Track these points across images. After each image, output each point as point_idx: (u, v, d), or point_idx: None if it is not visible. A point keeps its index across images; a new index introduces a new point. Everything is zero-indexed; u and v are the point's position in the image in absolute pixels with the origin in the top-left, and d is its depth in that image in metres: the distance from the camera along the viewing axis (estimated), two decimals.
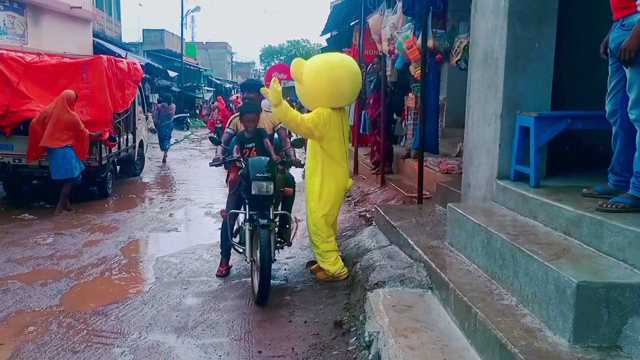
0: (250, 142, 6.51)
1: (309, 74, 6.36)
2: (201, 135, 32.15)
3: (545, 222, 4.27)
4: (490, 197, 5.26)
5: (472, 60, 5.89)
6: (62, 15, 21.71)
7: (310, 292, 5.96)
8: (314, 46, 66.85)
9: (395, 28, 8.70)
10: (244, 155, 6.43)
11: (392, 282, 4.89)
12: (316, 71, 6.40)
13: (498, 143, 5.15)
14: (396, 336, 3.90)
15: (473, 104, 5.78)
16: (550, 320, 3.29)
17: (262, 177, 5.81)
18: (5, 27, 18.29)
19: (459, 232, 4.98)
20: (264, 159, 6.03)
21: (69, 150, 10.13)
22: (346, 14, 14.58)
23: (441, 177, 8.07)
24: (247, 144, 6.52)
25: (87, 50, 21.83)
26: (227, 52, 77.09)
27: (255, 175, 5.81)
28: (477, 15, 5.73)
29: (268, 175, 5.82)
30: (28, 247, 7.87)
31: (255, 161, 5.97)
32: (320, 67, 6.47)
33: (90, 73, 11.30)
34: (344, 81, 6.38)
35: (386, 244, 6.32)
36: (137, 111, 14.67)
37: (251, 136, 6.51)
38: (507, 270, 3.92)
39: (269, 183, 5.81)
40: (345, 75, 6.40)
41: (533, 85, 5.05)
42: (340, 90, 6.39)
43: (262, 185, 5.79)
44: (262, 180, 5.80)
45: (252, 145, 6.51)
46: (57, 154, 10.03)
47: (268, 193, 5.82)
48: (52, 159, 10.12)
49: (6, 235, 8.49)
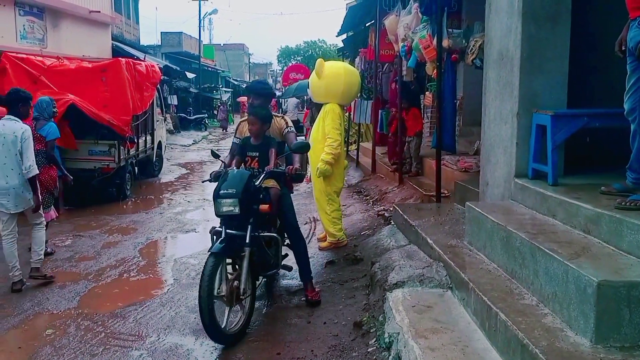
0: (255, 151, 5.83)
1: (329, 73, 7.73)
2: (219, 136, 32.38)
3: (564, 220, 4.25)
4: (509, 195, 5.25)
5: (487, 59, 5.88)
6: (81, 20, 21.93)
7: (329, 292, 5.96)
8: (330, 47, 66.79)
9: (409, 28, 8.70)
10: (245, 164, 5.86)
11: (411, 282, 4.89)
12: (336, 73, 7.81)
13: (515, 141, 5.14)
14: (416, 337, 3.90)
15: (489, 103, 5.77)
16: (571, 320, 3.28)
17: (227, 194, 5.10)
18: (25, 32, 18.52)
19: (477, 231, 4.97)
20: (241, 172, 5.43)
21: None
22: (362, 15, 14.55)
23: (459, 175, 8.05)
24: (251, 152, 5.85)
25: (106, 54, 22.08)
26: (245, 53, 77.39)
27: (219, 192, 5.16)
28: (491, 15, 5.72)
29: (233, 192, 5.08)
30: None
31: (230, 175, 5.32)
32: (339, 69, 7.99)
33: (109, 76, 11.43)
34: (354, 85, 8.02)
35: (405, 243, 6.32)
36: (156, 113, 14.82)
37: (258, 143, 5.82)
38: (527, 270, 3.91)
39: (234, 201, 5.05)
40: (355, 81, 8.03)
41: (549, 83, 5.03)
42: (349, 92, 7.99)
43: (224, 204, 5.08)
44: (226, 198, 5.09)
45: (256, 155, 5.81)
46: None
47: (232, 213, 5.08)
48: None
49: (26, 238, 8.56)
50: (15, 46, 16.47)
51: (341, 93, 7.74)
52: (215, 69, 53.45)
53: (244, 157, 5.87)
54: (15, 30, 17.99)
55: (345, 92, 7.79)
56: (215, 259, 4.82)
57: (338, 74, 7.79)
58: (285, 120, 6.16)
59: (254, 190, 5.31)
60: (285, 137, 6.07)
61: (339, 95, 7.75)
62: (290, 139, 6.01)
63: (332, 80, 7.70)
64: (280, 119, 6.13)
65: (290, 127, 6.09)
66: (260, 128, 5.76)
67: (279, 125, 6.08)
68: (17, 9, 18.10)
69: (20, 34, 18.18)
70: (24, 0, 18.23)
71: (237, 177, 5.25)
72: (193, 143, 25.94)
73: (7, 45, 15.19)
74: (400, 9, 9.55)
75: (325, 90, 7.75)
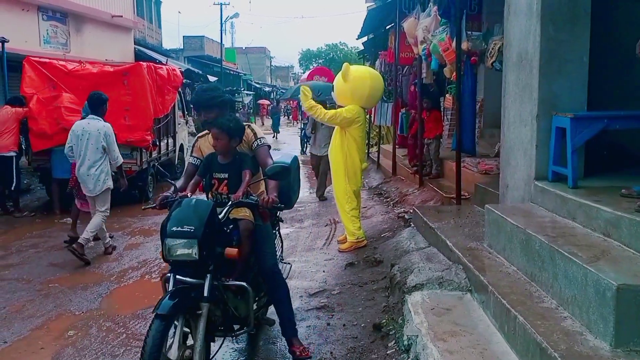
0: (224, 171, 4.44)
1: (355, 76, 7.88)
2: None
3: (584, 223, 4.24)
4: (529, 198, 5.23)
5: (506, 62, 5.87)
6: (104, 24, 22.16)
7: (349, 294, 5.98)
8: (352, 49, 66.81)
9: (428, 31, 8.70)
10: (212, 188, 4.54)
11: (430, 284, 4.89)
12: (361, 76, 7.99)
13: (535, 144, 5.12)
14: (435, 340, 3.91)
15: (509, 105, 5.76)
16: (590, 324, 3.27)
17: (181, 233, 3.72)
18: (48, 37, 18.74)
19: (497, 233, 4.96)
20: (201, 201, 4.05)
21: None
22: (381, 17, 14.58)
23: (479, 177, 8.04)
24: (219, 172, 4.46)
25: (128, 58, 22.25)
26: (266, 56, 77.67)
27: (170, 229, 3.76)
28: (510, 17, 5.71)
29: (190, 229, 3.72)
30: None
31: (185, 204, 3.92)
32: (365, 73, 8.19)
33: (131, 80, 11.52)
34: (379, 90, 8.27)
35: (425, 245, 6.32)
36: (177, 116, 14.91)
37: (227, 162, 4.45)
38: (547, 273, 3.90)
39: (191, 242, 3.69)
40: (379, 86, 8.26)
41: (568, 86, 5.02)
42: (374, 96, 8.22)
43: (177, 246, 3.71)
44: (180, 238, 3.71)
45: (225, 177, 4.44)
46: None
47: (188, 258, 3.73)
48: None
49: (49, 240, 8.73)
50: (39, 51, 16.66)
51: (366, 97, 7.94)
52: (237, 72, 53.71)
53: (210, 179, 4.54)
54: (39, 35, 18.20)
55: (370, 95, 8.01)
56: (162, 322, 3.51)
57: (364, 77, 7.99)
58: (253, 131, 4.62)
59: (219, 226, 3.99)
60: (256, 154, 4.56)
61: (364, 99, 7.95)
62: (263, 158, 4.52)
63: (358, 84, 7.87)
64: (247, 129, 4.59)
65: (261, 140, 4.59)
66: (228, 144, 4.39)
67: (246, 138, 4.57)
68: (41, 14, 18.32)
69: (43, 39, 18.40)
70: (47, 6, 18.45)
71: (196, 209, 3.87)
72: None
73: (31, 50, 15.34)
74: (420, 11, 9.56)
75: (351, 93, 7.87)
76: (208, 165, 4.54)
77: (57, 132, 10.45)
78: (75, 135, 7.86)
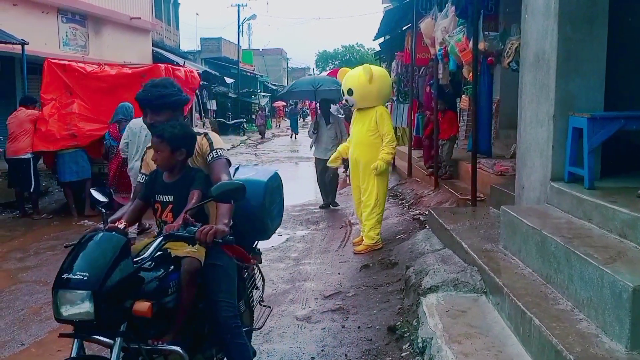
0: (168, 193, 3.47)
1: (378, 76, 7.89)
2: (257, 140, 32.61)
3: (600, 224, 4.19)
4: (545, 199, 5.19)
5: (523, 62, 5.83)
6: (123, 26, 22.30)
7: (364, 296, 5.96)
8: (368, 50, 66.75)
9: (446, 32, 8.67)
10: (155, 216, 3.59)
11: (445, 286, 4.87)
12: (383, 75, 8.17)
13: (551, 144, 5.08)
14: (450, 342, 3.89)
15: (525, 106, 5.72)
16: (606, 326, 3.24)
17: (74, 282, 2.74)
18: (67, 39, 18.88)
19: (512, 235, 4.92)
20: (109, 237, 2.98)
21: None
22: (398, 18, 14.56)
23: (495, 179, 7.99)
24: (162, 194, 3.49)
25: (146, 59, 22.38)
26: (283, 57, 77.79)
27: (60, 276, 2.80)
28: (527, 17, 5.67)
29: (83, 276, 2.74)
30: None
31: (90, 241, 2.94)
32: (384, 72, 8.43)
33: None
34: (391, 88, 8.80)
35: (440, 247, 6.29)
36: (194, 118, 14.95)
37: (173, 181, 3.49)
38: (562, 274, 3.87)
39: (82, 296, 2.70)
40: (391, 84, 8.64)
41: (585, 86, 4.97)
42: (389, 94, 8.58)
43: (67, 301, 2.73)
44: (71, 289, 2.73)
45: (169, 200, 3.46)
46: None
47: (80, 318, 2.75)
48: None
49: (66, 242, 8.75)
50: (58, 53, 16.80)
51: (387, 95, 8.39)
52: (254, 74, 53.85)
53: (151, 202, 3.60)
54: (58, 37, 18.35)
55: (389, 94, 8.58)
56: None
57: (385, 75, 8.26)
58: (209, 141, 3.60)
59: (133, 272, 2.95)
60: (209, 169, 3.55)
61: (386, 97, 8.39)
62: (216, 173, 3.48)
63: (383, 84, 7.98)
64: (202, 139, 3.60)
65: (218, 151, 3.56)
66: (170, 157, 3.42)
67: (199, 150, 3.60)
68: (60, 16, 18.47)
69: (62, 41, 18.55)
70: (66, 8, 18.60)
71: (99, 248, 2.92)
72: (231, 148, 26.12)
73: (50, 52, 15.47)
74: (437, 12, 9.52)
75: (377, 93, 7.88)
76: (151, 184, 3.58)
77: (64, 137, 10.58)
78: (132, 132, 8.34)
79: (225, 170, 3.52)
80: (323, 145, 11.18)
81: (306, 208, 10.72)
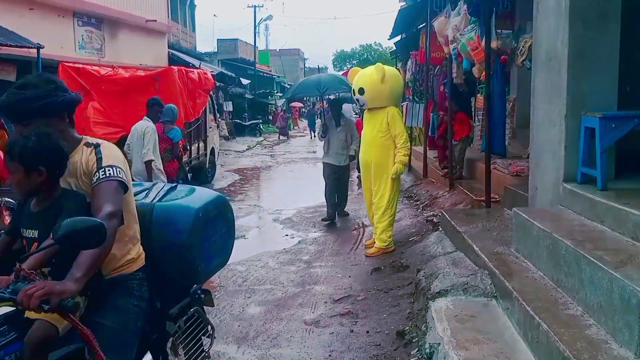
0: (33, 226, 2.69)
1: (391, 75, 7.86)
2: (273, 141, 32.63)
3: (613, 227, 4.09)
4: (558, 200, 5.08)
5: (535, 61, 5.73)
6: (138, 29, 22.42)
7: (374, 300, 5.89)
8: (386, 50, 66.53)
9: (457, 30, 8.56)
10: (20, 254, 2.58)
11: (455, 290, 4.77)
12: (395, 74, 8.16)
13: (563, 145, 4.97)
14: (457, 348, 3.80)
15: (537, 106, 5.62)
16: (615, 332, 3.14)
17: None
18: (83, 42, 19.00)
19: (524, 237, 4.83)
20: None
21: None
22: (413, 17, 14.45)
23: (510, 179, 7.86)
24: (28, 228, 2.71)
25: (162, 62, 22.47)
26: (300, 58, 77.79)
27: None
28: (538, 15, 5.57)
29: None
30: None
31: None
32: (396, 72, 8.40)
33: (162, 84, 11.63)
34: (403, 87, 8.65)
35: (452, 250, 6.19)
36: (208, 119, 14.99)
37: (41, 209, 2.70)
38: (573, 278, 3.77)
39: None
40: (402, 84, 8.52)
41: (598, 85, 4.85)
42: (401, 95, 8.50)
43: None
44: None
45: (34, 236, 2.67)
46: None
47: None
48: None
49: None
50: (74, 56, 16.89)
51: (399, 95, 8.34)
52: (271, 75, 53.87)
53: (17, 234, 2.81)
54: (74, 40, 18.47)
55: (401, 94, 8.50)
56: None
57: (397, 75, 8.24)
58: (98, 155, 2.73)
59: None
60: (92, 194, 2.66)
61: (398, 97, 8.34)
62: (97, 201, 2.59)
63: (395, 83, 7.95)
64: (89, 153, 2.75)
65: (106, 170, 2.66)
66: (25, 180, 2.64)
67: (84, 167, 2.73)
68: (76, 19, 18.59)
69: (78, 44, 18.66)
70: (82, 11, 18.70)
71: None
72: (247, 149, 26.17)
73: (66, 55, 15.58)
74: (450, 10, 9.42)
75: (389, 93, 7.83)
76: (18, 214, 2.84)
77: None
78: (137, 133, 8.69)
79: (112, 197, 2.59)
80: (333, 150, 10.02)
81: (319, 210, 10.62)
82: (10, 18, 14.54)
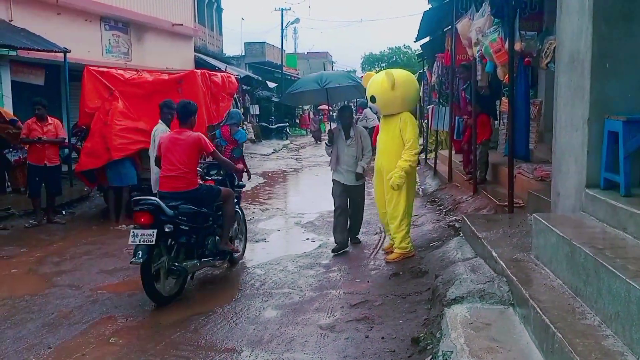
0: None
1: (402, 81, 7.52)
2: (299, 144, 32.63)
3: (635, 234, 3.96)
4: (580, 206, 4.94)
5: (558, 63, 5.60)
6: (165, 33, 22.58)
7: (391, 306, 5.79)
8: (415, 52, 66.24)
9: (480, 32, 8.43)
10: None
11: (471, 297, 4.67)
12: (408, 80, 7.70)
13: (586, 149, 4.84)
14: (470, 357, 3.70)
15: (560, 109, 5.48)
16: (633, 343, 3.02)
17: None
18: (110, 46, 19.19)
19: (544, 244, 4.70)
20: None
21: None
22: (438, 19, 14.31)
23: (535, 184, 7.71)
24: None
25: (189, 65, 22.59)
26: (328, 61, 77.72)
27: None
28: (562, 16, 5.44)
29: None
30: (121, 258, 8.02)
31: None
32: (409, 76, 7.87)
33: (185, 87, 11.61)
34: (418, 92, 8.18)
35: (471, 256, 6.08)
36: None
37: None
38: (591, 287, 3.65)
39: None
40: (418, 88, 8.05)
41: (622, 87, 4.71)
42: (417, 99, 8.11)
43: None
44: None
45: None
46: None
47: None
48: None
49: (102, 247, 8.82)
50: (101, 60, 17.06)
51: (413, 100, 7.83)
52: (298, 78, 53.93)
53: None
54: (101, 44, 18.65)
55: (415, 99, 7.95)
56: None
57: (410, 80, 7.75)
58: None
59: None
60: None
61: (412, 103, 7.86)
62: None
63: (408, 89, 7.60)
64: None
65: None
66: None
67: None
68: (103, 24, 18.78)
69: (105, 48, 18.85)
70: (109, 16, 18.90)
71: None
72: (273, 152, 26.20)
73: (93, 60, 15.72)
74: (474, 12, 9.29)
75: (402, 100, 7.52)
76: None
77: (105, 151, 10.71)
78: (156, 136, 8.86)
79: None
80: (343, 166, 8.34)
81: None
82: (38, 23, 14.73)
